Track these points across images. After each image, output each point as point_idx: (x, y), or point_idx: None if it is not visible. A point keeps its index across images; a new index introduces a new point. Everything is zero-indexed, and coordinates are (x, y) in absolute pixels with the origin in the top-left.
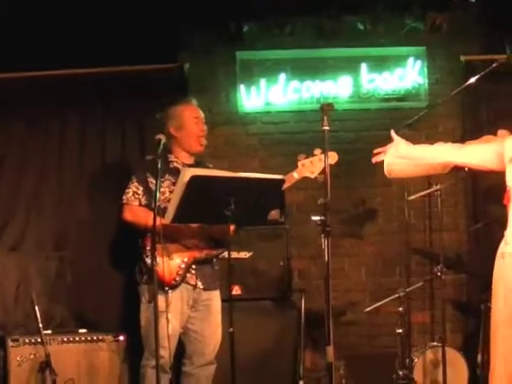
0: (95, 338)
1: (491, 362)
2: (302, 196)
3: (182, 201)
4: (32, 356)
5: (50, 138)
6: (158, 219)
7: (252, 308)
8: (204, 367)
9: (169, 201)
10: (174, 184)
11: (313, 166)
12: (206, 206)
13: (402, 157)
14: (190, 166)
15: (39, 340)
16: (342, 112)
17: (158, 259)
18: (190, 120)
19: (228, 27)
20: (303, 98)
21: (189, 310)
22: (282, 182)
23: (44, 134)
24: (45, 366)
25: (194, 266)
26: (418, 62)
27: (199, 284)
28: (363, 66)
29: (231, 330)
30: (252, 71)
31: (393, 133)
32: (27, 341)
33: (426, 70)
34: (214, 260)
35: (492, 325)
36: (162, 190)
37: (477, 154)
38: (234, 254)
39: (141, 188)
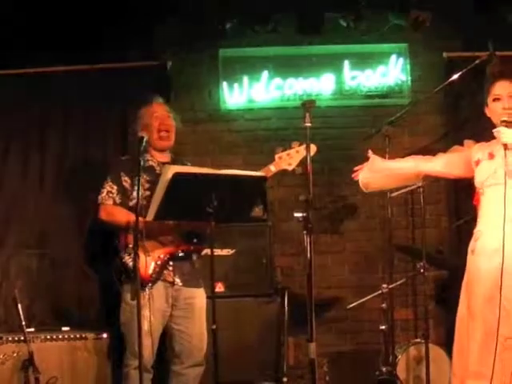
0: (78, 335)
1: (453, 356)
2: (284, 193)
3: (165, 198)
4: (15, 354)
5: (31, 136)
6: (134, 216)
7: (235, 305)
8: (193, 368)
9: (144, 199)
10: (148, 182)
11: (290, 158)
12: (188, 203)
13: (377, 171)
14: (165, 163)
15: (22, 338)
16: (325, 109)
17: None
18: (150, 118)
19: (211, 24)
20: (286, 95)
21: (169, 308)
22: (265, 178)
23: (26, 132)
24: (28, 363)
25: (171, 263)
26: (401, 59)
27: (177, 281)
28: (346, 63)
29: (214, 326)
30: (234, 68)
31: (370, 152)
32: (10, 339)
33: (408, 66)
34: (194, 258)
35: (458, 319)
36: (136, 187)
37: (445, 163)
38: (217, 251)
39: (115, 187)
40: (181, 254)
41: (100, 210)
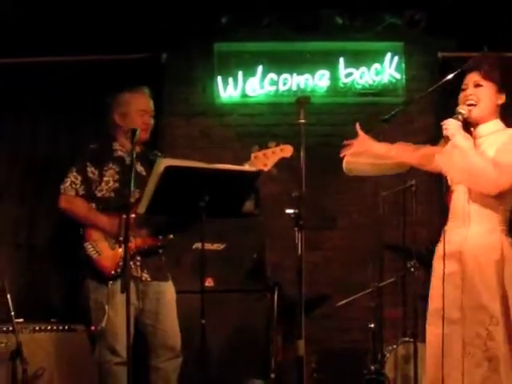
0: (67, 327)
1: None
2: (277, 188)
3: (156, 191)
4: (3, 344)
5: (19, 128)
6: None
7: (224, 300)
8: (171, 361)
9: (113, 190)
10: (117, 173)
11: (266, 158)
12: (180, 197)
13: (362, 154)
14: (136, 154)
15: (10, 328)
16: (319, 105)
17: (98, 249)
18: (135, 111)
19: (206, 18)
20: (280, 91)
21: (138, 302)
22: (258, 174)
23: (15, 122)
24: (15, 354)
25: (138, 258)
26: (396, 58)
27: (145, 276)
28: (341, 60)
29: (203, 321)
30: (229, 63)
31: (358, 127)
32: None
33: (403, 65)
34: (161, 251)
35: None
36: (105, 179)
37: (426, 155)
38: (208, 246)
39: (79, 178)
40: (148, 248)
41: (60, 199)
